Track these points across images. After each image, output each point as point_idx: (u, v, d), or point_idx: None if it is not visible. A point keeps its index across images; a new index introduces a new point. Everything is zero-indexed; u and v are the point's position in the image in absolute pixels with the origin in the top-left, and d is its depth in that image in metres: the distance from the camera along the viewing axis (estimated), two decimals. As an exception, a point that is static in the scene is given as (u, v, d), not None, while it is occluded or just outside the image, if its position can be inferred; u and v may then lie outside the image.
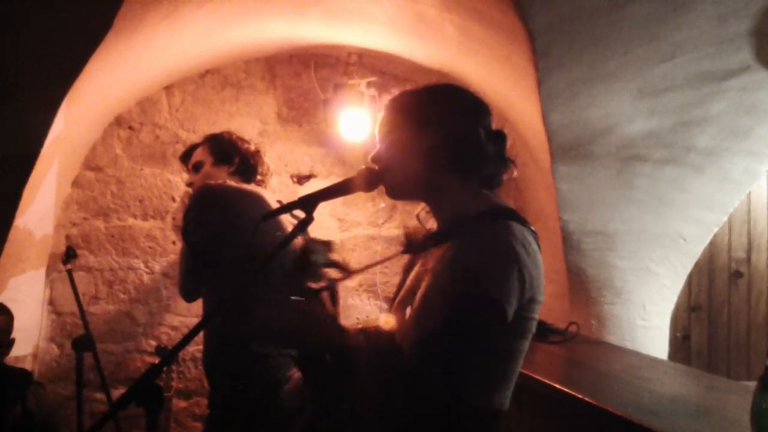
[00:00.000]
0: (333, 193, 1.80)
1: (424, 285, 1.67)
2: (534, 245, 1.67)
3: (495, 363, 1.65)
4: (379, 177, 1.79)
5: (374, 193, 1.87)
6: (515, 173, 1.84)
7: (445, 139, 1.73)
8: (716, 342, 4.67)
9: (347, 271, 1.83)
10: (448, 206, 1.77)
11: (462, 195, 1.75)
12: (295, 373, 2.92)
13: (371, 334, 1.67)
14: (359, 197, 4.43)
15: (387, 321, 1.71)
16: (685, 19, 2.88)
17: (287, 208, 1.83)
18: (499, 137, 1.81)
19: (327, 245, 3.26)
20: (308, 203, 1.76)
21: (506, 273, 1.56)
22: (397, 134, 1.79)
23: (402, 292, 1.83)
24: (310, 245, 1.74)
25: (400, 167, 1.77)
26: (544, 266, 1.69)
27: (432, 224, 1.86)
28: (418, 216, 1.89)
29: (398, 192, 1.81)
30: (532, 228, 1.72)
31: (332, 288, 1.72)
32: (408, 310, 1.70)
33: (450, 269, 1.60)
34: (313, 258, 1.71)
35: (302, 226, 1.78)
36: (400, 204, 4.43)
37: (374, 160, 1.81)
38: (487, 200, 1.74)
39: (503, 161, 1.81)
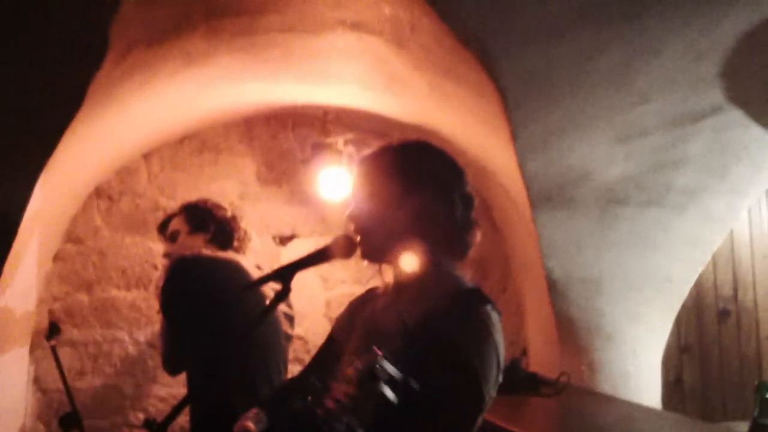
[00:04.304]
0: (310, 262, 1.78)
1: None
2: (500, 326, 1.67)
3: None
4: (355, 242, 1.77)
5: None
6: (479, 237, 1.83)
7: (421, 210, 1.73)
8: (709, 382, 4.64)
9: None
10: (413, 277, 1.76)
11: (431, 267, 1.74)
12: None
13: None
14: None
15: None
16: (656, 64, 2.92)
17: (263, 280, 1.81)
18: (472, 201, 1.81)
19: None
20: (285, 274, 1.75)
21: (490, 360, 1.58)
22: (370, 193, 1.78)
23: (356, 340, 1.82)
24: None
25: (373, 226, 1.76)
26: (533, 315, 1.71)
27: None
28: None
29: (372, 255, 1.80)
30: (495, 306, 1.70)
31: None
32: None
33: (435, 353, 1.54)
34: None
35: (280, 298, 1.76)
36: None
37: (351, 218, 1.80)
38: (454, 278, 1.75)
39: (472, 226, 1.80)
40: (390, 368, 1.28)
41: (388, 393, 1.27)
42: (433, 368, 1.52)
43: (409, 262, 1.77)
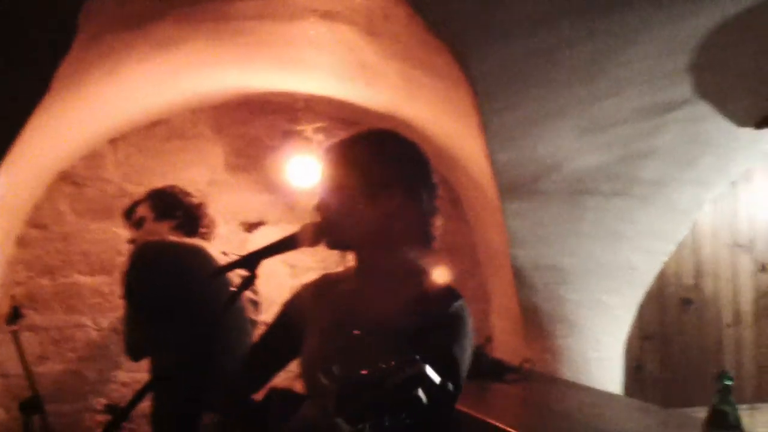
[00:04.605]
0: (276, 249, 1.76)
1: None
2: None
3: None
4: (322, 232, 1.77)
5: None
6: (440, 223, 1.84)
7: (394, 201, 1.72)
8: (670, 369, 4.71)
9: None
10: (381, 266, 1.78)
11: (398, 258, 1.76)
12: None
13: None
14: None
15: None
16: (626, 57, 2.94)
17: (230, 267, 1.79)
18: (435, 192, 1.81)
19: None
20: (251, 261, 1.73)
21: (468, 359, 1.63)
22: (344, 185, 1.76)
23: (320, 352, 1.79)
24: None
25: (342, 221, 1.75)
26: (499, 302, 1.74)
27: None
28: None
29: (337, 245, 1.80)
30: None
31: None
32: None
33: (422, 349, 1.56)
34: None
35: (246, 285, 1.75)
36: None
37: (318, 209, 1.79)
38: (421, 270, 1.77)
39: (436, 214, 1.81)
40: (432, 374, 1.28)
41: (423, 397, 1.27)
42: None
43: (376, 254, 1.78)
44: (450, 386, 1.31)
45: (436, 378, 1.26)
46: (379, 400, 1.23)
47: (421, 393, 1.24)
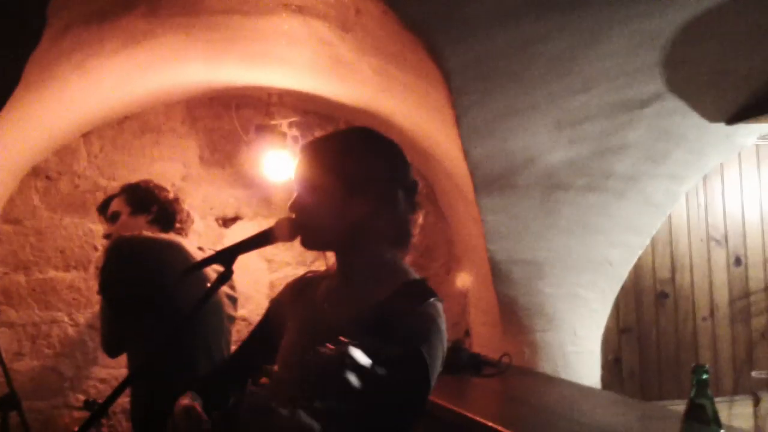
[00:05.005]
0: (252, 245, 1.77)
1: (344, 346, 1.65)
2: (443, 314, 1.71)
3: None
4: (297, 229, 1.77)
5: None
6: (421, 219, 1.84)
7: (369, 202, 1.72)
8: (647, 363, 4.74)
9: None
10: (358, 265, 1.78)
11: (375, 257, 1.76)
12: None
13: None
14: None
15: None
16: (598, 53, 2.95)
17: (206, 263, 1.80)
18: (415, 190, 1.81)
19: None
20: (227, 257, 1.73)
21: (438, 352, 1.61)
22: (319, 186, 1.75)
23: (289, 344, 1.82)
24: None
25: (320, 220, 1.75)
26: (476, 297, 1.74)
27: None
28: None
29: (312, 244, 1.80)
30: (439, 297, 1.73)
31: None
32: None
33: (387, 343, 1.57)
34: None
35: (222, 280, 1.75)
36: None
37: (293, 208, 1.79)
38: (399, 269, 1.77)
39: (414, 211, 1.81)
40: (359, 355, 1.29)
41: (353, 380, 1.27)
42: (384, 361, 1.54)
43: (352, 253, 1.78)
44: (380, 371, 1.32)
45: (365, 360, 1.30)
46: (307, 383, 1.28)
47: (351, 376, 1.28)
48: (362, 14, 2.83)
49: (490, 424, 2.75)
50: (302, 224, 1.75)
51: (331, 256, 1.85)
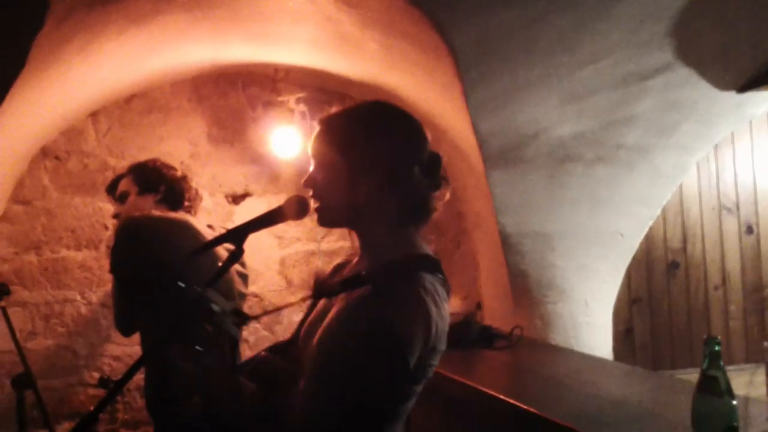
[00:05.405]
0: (262, 223, 1.76)
1: (329, 321, 1.68)
2: (443, 294, 1.68)
3: (389, 406, 1.66)
4: (308, 205, 1.76)
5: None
6: (448, 195, 1.83)
7: (380, 180, 1.70)
8: (659, 333, 4.74)
9: (245, 318, 1.83)
10: (372, 244, 1.78)
11: (387, 234, 1.75)
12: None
13: (266, 376, 1.74)
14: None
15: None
16: (605, 25, 2.92)
17: (216, 242, 1.80)
18: (434, 165, 1.78)
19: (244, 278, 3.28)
20: (238, 235, 1.74)
21: (413, 326, 1.57)
22: (329, 163, 1.75)
23: (306, 326, 1.83)
24: (208, 294, 1.71)
25: (332, 198, 1.75)
26: (487, 270, 1.72)
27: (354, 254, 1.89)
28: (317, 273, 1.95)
29: (328, 221, 1.79)
30: (443, 275, 1.72)
31: (232, 335, 1.73)
32: (314, 340, 1.69)
33: (359, 316, 1.59)
34: (213, 307, 1.69)
35: (233, 259, 1.75)
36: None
37: (307, 184, 1.78)
38: (408, 244, 1.75)
39: (437, 187, 1.79)
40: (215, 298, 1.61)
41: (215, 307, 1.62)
42: (354, 334, 1.57)
43: (365, 230, 1.78)
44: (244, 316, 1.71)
45: (216, 307, 1.65)
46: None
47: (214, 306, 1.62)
48: (368, -10, 2.81)
49: (500, 396, 2.77)
50: (317, 200, 1.76)
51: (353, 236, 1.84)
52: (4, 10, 2.44)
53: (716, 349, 1.93)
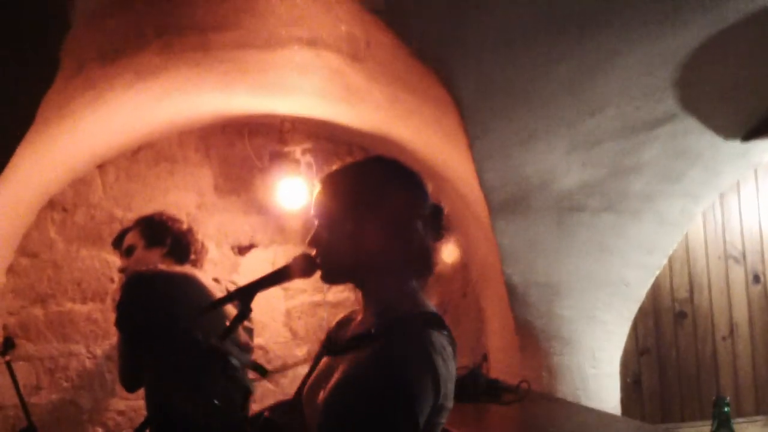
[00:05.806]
0: (270, 282, 1.78)
1: (337, 377, 1.66)
2: (450, 351, 1.66)
3: None
4: (316, 264, 1.76)
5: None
6: (454, 249, 1.84)
7: (382, 237, 1.71)
8: (667, 384, 4.68)
9: (263, 372, 1.82)
10: (377, 299, 1.77)
11: (391, 289, 1.75)
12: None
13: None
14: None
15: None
16: (611, 74, 2.94)
17: (224, 300, 1.82)
18: (437, 217, 1.79)
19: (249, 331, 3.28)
20: (245, 295, 1.74)
21: (423, 385, 1.56)
22: (332, 222, 1.76)
23: (309, 383, 1.81)
24: (226, 347, 1.71)
25: (336, 256, 1.74)
26: (493, 320, 1.71)
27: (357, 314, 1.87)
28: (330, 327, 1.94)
29: (332, 279, 1.79)
30: (448, 332, 1.71)
31: (248, 388, 1.74)
32: (319, 398, 1.68)
33: (369, 375, 1.58)
34: (231, 361, 1.69)
35: (240, 318, 1.76)
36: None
37: (311, 244, 1.78)
38: (412, 299, 1.74)
39: (440, 237, 1.79)
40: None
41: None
42: (365, 393, 1.56)
43: (369, 286, 1.78)
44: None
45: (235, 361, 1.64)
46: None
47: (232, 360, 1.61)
48: (373, 46, 2.84)
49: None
50: (321, 259, 1.76)
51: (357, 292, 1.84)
52: (15, 68, 2.48)
53: (725, 410, 1.92)
